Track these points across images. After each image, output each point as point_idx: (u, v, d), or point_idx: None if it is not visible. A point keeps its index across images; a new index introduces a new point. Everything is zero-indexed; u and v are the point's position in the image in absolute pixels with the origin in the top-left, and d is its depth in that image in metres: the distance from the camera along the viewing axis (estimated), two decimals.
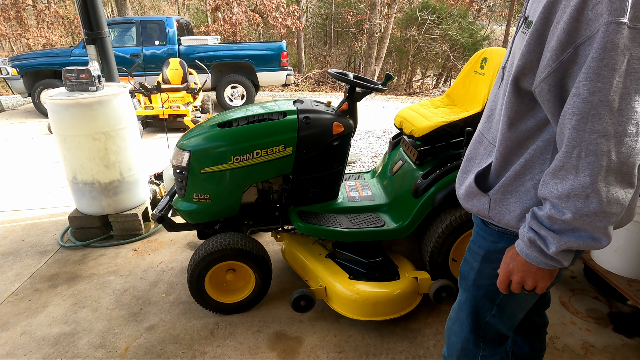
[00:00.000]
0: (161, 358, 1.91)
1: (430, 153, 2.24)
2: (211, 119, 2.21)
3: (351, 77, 2.19)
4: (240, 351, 1.95)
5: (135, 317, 2.19)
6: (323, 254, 2.24)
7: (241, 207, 2.24)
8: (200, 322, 2.14)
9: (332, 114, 2.15)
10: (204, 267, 2.05)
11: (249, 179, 2.11)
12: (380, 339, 2.00)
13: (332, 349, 1.96)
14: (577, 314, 2.16)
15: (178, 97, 6.45)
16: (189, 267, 2.09)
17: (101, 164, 2.72)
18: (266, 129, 2.05)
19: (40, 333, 2.08)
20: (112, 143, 2.71)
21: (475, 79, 2.25)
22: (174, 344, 1.99)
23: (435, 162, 2.18)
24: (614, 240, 1.91)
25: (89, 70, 2.64)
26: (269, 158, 2.06)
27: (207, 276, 2.08)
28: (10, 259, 2.76)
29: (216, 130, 2.07)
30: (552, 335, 2.02)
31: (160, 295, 2.36)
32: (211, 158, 2.04)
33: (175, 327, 2.11)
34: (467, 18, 13.68)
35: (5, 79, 7.73)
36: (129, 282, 2.48)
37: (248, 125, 2.06)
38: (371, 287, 2.01)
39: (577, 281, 2.44)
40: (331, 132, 2.11)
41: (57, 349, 1.97)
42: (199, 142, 2.05)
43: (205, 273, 2.07)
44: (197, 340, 2.01)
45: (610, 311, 2.17)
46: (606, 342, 1.97)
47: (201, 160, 2.04)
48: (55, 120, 2.63)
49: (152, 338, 2.04)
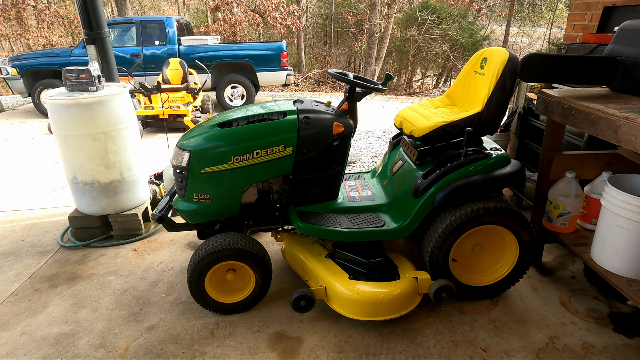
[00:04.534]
0: (161, 358, 1.91)
1: (430, 153, 2.23)
2: (211, 119, 2.21)
3: (351, 77, 2.19)
4: (240, 351, 1.94)
5: (135, 317, 2.18)
6: (323, 254, 2.24)
7: (241, 207, 2.23)
8: (200, 322, 2.14)
9: (332, 114, 2.15)
10: (204, 267, 2.04)
11: (249, 179, 2.11)
12: (380, 339, 2.00)
13: (332, 349, 1.95)
14: (577, 314, 2.16)
15: (178, 97, 6.45)
16: (189, 267, 2.08)
17: (101, 164, 2.71)
18: (266, 129, 2.05)
19: (40, 333, 2.08)
20: (112, 143, 2.71)
21: (475, 79, 2.25)
22: (174, 344, 1.99)
23: (435, 162, 2.18)
24: (614, 240, 1.91)
25: (89, 70, 2.64)
26: (269, 158, 2.06)
27: (207, 276, 2.08)
28: (10, 259, 2.75)
29: (216, 130, 2.06)
30: (552, 335, 2.01)
31: (160, 295, 2.36)
32: (211, 158, 2.04)
33: (175, 327, 2.11)
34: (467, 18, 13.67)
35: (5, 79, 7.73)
36: (129, 282, 2.48)
37: (248, 125, 2.06)
38: (371, 287, 2.01)
39: (577, 281, 2.43)
40: (331, 132, 2.11)
41: (57, 349, 1.97)
42: (199, 142, 2.05)
43: (205, 273, 2.06)
44: (197, 340, 2.01)
45: (610, 311, 2.17)
46: (606, 342, 1.97)
47: (201, 160, 2.04)
48: (55, 120, 2.63)
49: (152, 338, 2.03)
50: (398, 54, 14.24)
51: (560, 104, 2.10)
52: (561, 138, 2.32)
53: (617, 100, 1.99)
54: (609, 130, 1.76)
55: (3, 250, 2.86)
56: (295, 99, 2.30)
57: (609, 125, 1.76)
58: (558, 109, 2.12)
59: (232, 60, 7.69)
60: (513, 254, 2.15)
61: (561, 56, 2.07)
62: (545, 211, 2.38)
